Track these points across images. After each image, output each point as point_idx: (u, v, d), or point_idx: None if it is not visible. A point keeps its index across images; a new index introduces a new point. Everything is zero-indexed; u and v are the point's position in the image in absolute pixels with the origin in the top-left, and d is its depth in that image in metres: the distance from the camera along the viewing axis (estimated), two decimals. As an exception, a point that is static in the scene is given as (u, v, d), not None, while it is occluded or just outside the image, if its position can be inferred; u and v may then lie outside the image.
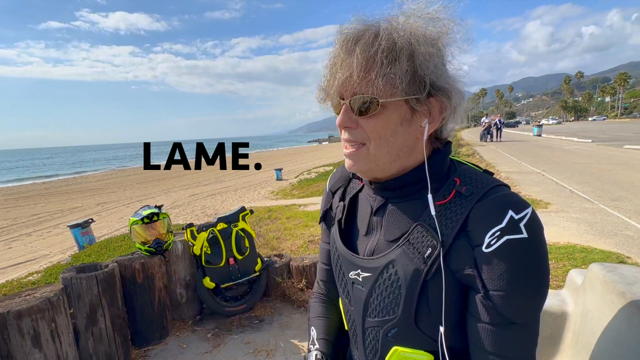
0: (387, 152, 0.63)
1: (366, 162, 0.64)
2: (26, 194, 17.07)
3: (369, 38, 0.57)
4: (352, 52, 0.58)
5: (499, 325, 0.57)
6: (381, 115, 0.60)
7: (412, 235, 0.63)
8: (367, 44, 0.57)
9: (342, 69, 0.59)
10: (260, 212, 6.28)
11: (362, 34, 0.58)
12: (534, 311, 0.57)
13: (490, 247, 0.55)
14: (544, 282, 0.57)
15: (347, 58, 0.58)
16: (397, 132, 0.61)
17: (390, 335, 0.66)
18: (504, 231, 0.54)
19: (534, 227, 0.55)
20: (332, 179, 0.88)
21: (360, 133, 0.63)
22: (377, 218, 0.71)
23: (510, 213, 0.55)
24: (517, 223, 0.54)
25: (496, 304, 0.56)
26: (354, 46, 0.58)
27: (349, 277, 0.73)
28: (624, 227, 4.04)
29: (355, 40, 0.58)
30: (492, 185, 0.60)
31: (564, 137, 21.01)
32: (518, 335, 0.57)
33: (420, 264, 0.61)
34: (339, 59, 0.60)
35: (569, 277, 1.23)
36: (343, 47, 0.59)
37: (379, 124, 0.61)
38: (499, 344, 0.58)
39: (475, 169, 0.67)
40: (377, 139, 0.61)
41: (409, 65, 0.57)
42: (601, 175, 7.45)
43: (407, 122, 0.61)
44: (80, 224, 5.26)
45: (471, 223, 0.58)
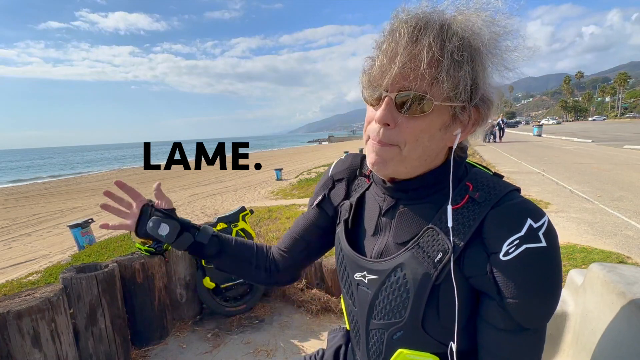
0: (419, 156, 0.59)
1: (395, 164, 0.60)
2: (26, 194, 17.06)
3: (440, 29, 0.51)
4: (418, 42, 0.51)
5: (511, 332, 0.57)
6: (426, 117, 0.56)
7: (423, 238, 0.62)
8: (441, 37, 0.51)
9: (404, 58, 0.52)
10: (260, 212, 6.28)
11: (427, 23, 0.52)
12: (546, 318, 0.58)
13: (508, 255, 0.54)
14: (559, 290, 0.57)
15: (413, 48, 0.52)
16: (434, 137, 0.58)
17: (395, 337, 0.65)
18: (523, 240, 0.54)
19: (552, 236, 0.55)
20: (339, 165, 0.84)
21: (396, 133, 0.57)
22: (386, 219, 0.69)
23: (529, 221, 0.54)
24: (536, 232, 0.54)
25: (511, 310, 0.56)
26: (421, 35, 0.51)
27: (353, 279, 0.71)
28: (624, 227, 4.04)
29: (421, 29, 0.52)
30: (505, 191, 0.59)
31: (564, 137, 21.00)
32: (528, 340, 0.58)
33: (430, 268, 0.60)
34: (400, 46, 0.52)
35: (569, 277, 1.23)
36: (406, 33, 0.52)
37: (421, 127, 0.56)
38: (510, 349, 0.58)
39: (485, 172, 0.66)
40: (413, 141, 0.57)
41: (473, 70, 0.54)
42: (601, 175, 7.45)
43: (444, 129, 0.58)
44: (80, 224, 5.26)
45: (487, 230, 0.57)
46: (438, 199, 0.64)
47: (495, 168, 8.99)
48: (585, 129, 32.05)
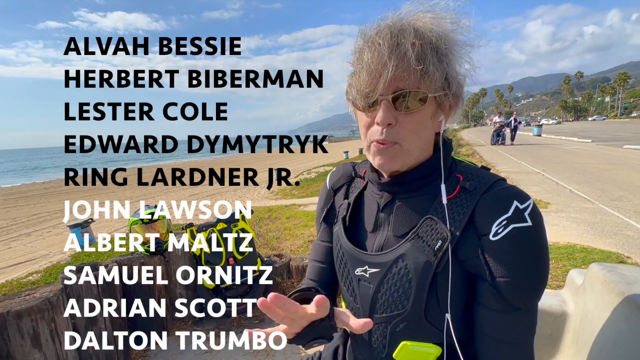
0: (417, 146, 0.64)
1: (401, 159, 0.64)
2: (26, 194, 17.07)
3: (415, 31, 0.56)
4: (401, 44, 0.56)
5: (503, 312, 0.60)
6: (421, 110, 0.60)
7: (421, 228, 0.64)
8: (419, 37, 0.56)
9: (393, 61, 0.56)
10: (260, 212, 6.28)
11: (401, 28, 0.57)
12: (536, 297, 0.60)
13: (497, 236, 0.57)
14: (546, 269, 0.59)
15: (398, 50, 0.56)
16: (427, 126, 0.63)
17: (398, 330, 0.66)
18: (510, 220, 0.57)
19: (537, 216, 0.58)
20: (333, 176, 0.87)
21: (397, 131, 0.61)
22: (384, 215, 0.71)
23: (515, 203, 0.58)
24: (522, 212, 0.57)
25: (502, 290, 0.58)
26: (400, 39, 0.56)
27: (354, 275, 0.72)
28: (624, 227, 4.04)
29: (398, 34, 0.56)
30: (493, 179, 0.63)
31: (564, 137, 21.00)
32: (521, 320, 0.60)
33: (431, 256, 0.62)
34: (385, 52, 0.56)
35: (569, 277, 1.23)
36: (386, 40, 0.56)
37: (418, 120, 0.61)
38: (503, 330, 0.61)
39: (473, 165, 0.70)
40: (411, 135, 0.61)
41: (449, 61, 0.59)
42: (601, 175, 7.45)
43: (434, 117, 0.63)
44: (80, 223, 5.26)
45: (477, 214, 0.60)
46: (433, 190, 0.67)
47: (495, 168, 8.99)
48: (585, 129, 32.07)
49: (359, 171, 0.83)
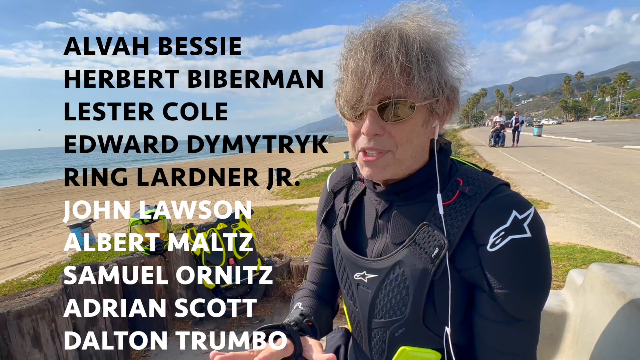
0: (410, 155, 0.62)
1: (393, 168, 0.62)
2: (26, 194, 17.08)
3: (400, 40, 0.54)
4: (385, 55, 0.54)
5: (503, 323, 0.58)
6: (410, 119, 0.58)
7: (419, 235, 0.63)
8: (404, 46, 0.54)
9: (377, 73, 0.54)
10: (260, 212, 6.28)
11: (385, 37, 0.55)
12: (537, 308, 0.59)
13: (494, 247, 0.56)
14: (547, 280, 0.58)
15: (382, 62, 0.54)
16: (419, 134, 0.61)
17: (397, 335, 0.66)
18: (508, 231, 0.55)
19: (537, 227, 0.56)
20: (333, 178, 0.86)
21: (386, 140, 0.59)
22: (382, 222, 0.71)
23: (514, 213, 0.56)
24: (520, 223, 0.56)
25: (501, 302, 0.57)
26: (384, 49, 0.54)
27: (353, 279, 0.72)
28: (624, 227, 4.04)
29: (382, 44, 0.55)
30: (494, 185, 0.61)
31: (564, 137, 20.99)
32: (521, 331, 0.59)
33: (428, 263, 0.61)
34: (368, 64, 0.55)
35: (569, 277, 1.23)
36: (370, 51, 0.55)
37: (407, 129, 0.59)
38: (503, 340, 0.59)
39: (475, 168, 0.68)
40: (404, 143, 0.60)
41: (439, 67, 0.57)
42: (601, 175, 7.45)
43: (426, 124, 0.61)
44: (80, 224, 5.26)
45: (476, 223, 0.59)
46: (430, 197, 0.65)
47: (495, 168, 8.99)
48: (586, 129, 32.07)
49: (359, 173, 0.81)
